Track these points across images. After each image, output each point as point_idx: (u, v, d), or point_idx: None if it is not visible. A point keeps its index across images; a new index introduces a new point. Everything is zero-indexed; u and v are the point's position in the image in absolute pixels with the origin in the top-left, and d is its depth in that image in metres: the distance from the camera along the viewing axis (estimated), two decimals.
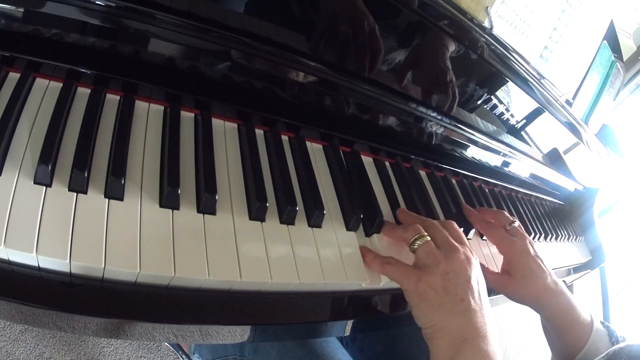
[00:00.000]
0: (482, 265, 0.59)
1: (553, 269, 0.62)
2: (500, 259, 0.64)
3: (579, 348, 0.58)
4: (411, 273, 0.46)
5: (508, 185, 0.93)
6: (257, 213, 0.44)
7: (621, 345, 0.56)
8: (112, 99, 0.44)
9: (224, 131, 0.51)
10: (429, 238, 0.48)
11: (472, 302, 0.44)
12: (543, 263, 0.61)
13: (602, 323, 0.62)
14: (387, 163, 0.66)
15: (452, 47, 0.59)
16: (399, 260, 0.48)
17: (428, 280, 0.44)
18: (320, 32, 0.49)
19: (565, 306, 0.60)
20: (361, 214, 0.52)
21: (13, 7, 0.37)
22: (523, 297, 0.60)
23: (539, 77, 0.70)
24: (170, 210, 0.39)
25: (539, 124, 0.81)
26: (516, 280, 0.59)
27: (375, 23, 0.51)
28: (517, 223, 0.65)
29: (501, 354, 0.44)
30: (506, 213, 0.67)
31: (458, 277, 0.45)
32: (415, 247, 0.48)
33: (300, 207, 0.48)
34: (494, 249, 0.70)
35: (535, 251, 0.62)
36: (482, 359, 0.42)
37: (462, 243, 0.49)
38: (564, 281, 0.96)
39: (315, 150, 0.58)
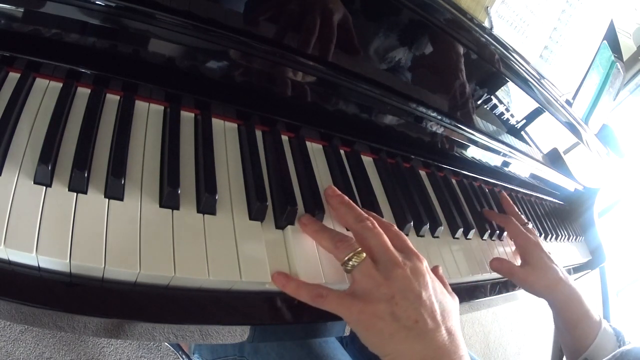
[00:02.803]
0: (505, 261, 0.65)
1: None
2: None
3: (587, 344, 0.61)
4: (351, 304, 0.39)
5: (508, 185, 0.93)
6: (257, 213, 0.44)
7: (628, 347, 0.57)
8: (112, 99, 0.44)
9: (224, 131, 0.50)
10: (364, 254, 0.41)
11: (428, 320, 0.39)
12: (554, 260, 0.66)
13: (610, 326, 0.64)
14: (387, 163, 0.66)
15: (452, 47, 0.59)
16: (331, 290, 0.40)
17: (372, 310, 0.38)
18: (319, 31, 0.49)
19: (576, 299, 0.64)
20: None
21: (13, 7, 0.37)
22: (539, 287, 0.64)
23: (539, 77, 0.70)
24: (170, 210, 0.39)
25: (539, 124, 0.81)
26: (534, 271, 0.64)
27: (375, 23, 0.51)
28: (530, 225, 0.72)
29: None
30: (522, 216, 0.75)
31: (406, 298, 0.39)
32: (349, 267, 0.41)
33: (300, 207, 0.48)
34: (495, 250, 0.71)
35: (547, 250, 0.68)
36: None
37: (404, 249, 0.43)
38: None
39: (315, 150, 0.58)
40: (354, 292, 0.40)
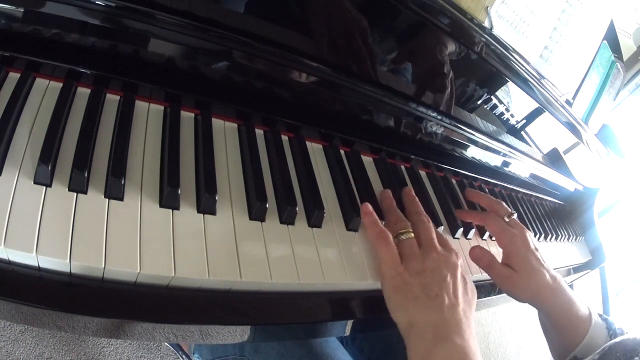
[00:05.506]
0: (488, 252, 0.59)
1: (553, 269, 0.62)
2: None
3: (577, 343, 0.58)
4: (395, 262, 0.47)
5: (508, 185, 0.93)
6: (257, 213, 0.44)
7: (617, 340, 0.56)
8: (112, 99, 0.44)
9: (224, 131, 0.51)
10: (413, 235, 0.50)
11: (446, 298, 0.45)
12: (542, 258, 0.60)
13: (600, 316, 0.61)
14: (387, 163, 0.66)
15: (452, 47, 0.59)
16: (392, 242, 0.48)
17: (405, 275, 0.46)
18: (320, 32, 0.49)
19: (565, 303, 0.59)
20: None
21: (13, 7, 0.37)
22: (523, 293, 0.58)
23: (539, 77, 0.70)
24: (170, 210, 0.39)
25: (539, 124, 0.81)
26: (517, 275, 0.58)
27: (375, 23, 0.51)
28: (515, 215, 0.64)
29: (478, 350, 0.43)
30: (504, 204, 0.66)
31: (434, 275, 0.46)
32: (402, 238, 0.50)
33: (300, 207, 0.48)
34: (494, 250, 0.70)
35: (534, 245, 0.61)
36: (457, 356, 0.42)
37: (445, 245, 0.51)
38: None
39: (315, 150, 0.58)
40: (400, 253, 0.48)
